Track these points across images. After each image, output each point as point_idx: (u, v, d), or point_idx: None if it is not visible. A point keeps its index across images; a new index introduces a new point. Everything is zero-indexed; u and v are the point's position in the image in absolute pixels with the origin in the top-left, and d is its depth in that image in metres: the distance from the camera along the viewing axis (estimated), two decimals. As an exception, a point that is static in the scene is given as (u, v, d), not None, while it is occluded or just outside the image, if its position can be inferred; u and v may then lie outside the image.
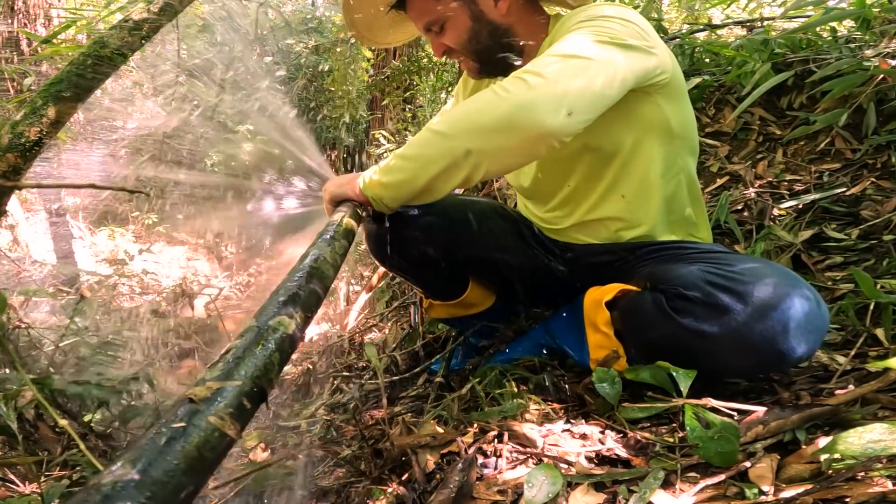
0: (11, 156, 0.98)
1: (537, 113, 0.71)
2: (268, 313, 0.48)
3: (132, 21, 1.12)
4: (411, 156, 0.80)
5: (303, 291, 0.54)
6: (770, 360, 0.74)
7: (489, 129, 0.73)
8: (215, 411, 0.34)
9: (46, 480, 0.93)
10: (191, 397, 0.35)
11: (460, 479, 0.67)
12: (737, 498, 0.56)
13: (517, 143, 0.74)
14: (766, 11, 2.48)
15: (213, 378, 0.38)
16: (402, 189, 0.82)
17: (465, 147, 0.74)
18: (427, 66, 4.57)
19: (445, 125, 0.77)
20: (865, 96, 1.33)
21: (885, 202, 1.23)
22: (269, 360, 0.42)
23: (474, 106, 0.76)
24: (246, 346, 0.43)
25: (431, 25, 0.93)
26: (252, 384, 0.38)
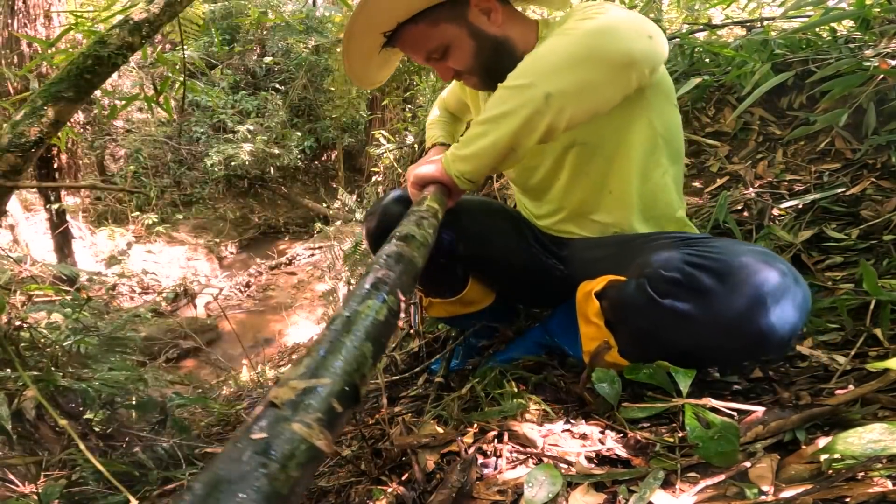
0: (11, 156, 0.98)
1: (618, 37, 0.68)
2: (356, 298, 0.42)
3: (132, 21, 1.12)
4: (487, 118, 0.78)
5: (393, 273, 0.49)
6: (752, 342, 0.72)
7: (567, 65, 0.70)
8: (301, 417, 0.29)
9: (46, 480, 0.93)
10: (273, 401, 0.29)
11: (460, 479, 0.68)
12: (737, 498, 0.56)
13: (603, 73, 0.71)
14: (766, 11, 2.48)
15: (298, 376, 0.32)
16: (485, 156, 0.79)
17: (543, 90, 0.71)
18: (427, 66, 4.57)
19: (516, 76, 0.75)
20: (865, 96, 1.33)
21: (885, 202, 1.23)
22: (360, 353, 0.36)
23: (543, 51, 0.73)
24: (333, 338, 0.36)
25: (432, 54, 0.92)
26: (343, 382, 0.33)
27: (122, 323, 1.64)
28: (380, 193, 4.44)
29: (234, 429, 1.47)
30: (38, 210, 5.90)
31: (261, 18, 3.60)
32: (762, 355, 0.77)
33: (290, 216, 8.94)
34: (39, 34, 4.24)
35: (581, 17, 0.76)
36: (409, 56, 0.96)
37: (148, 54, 1.69)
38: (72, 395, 1.16)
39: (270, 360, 3.53)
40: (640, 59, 0.71)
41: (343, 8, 7.18)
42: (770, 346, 0.71)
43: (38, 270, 3.44)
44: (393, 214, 1.07)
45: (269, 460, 0.26)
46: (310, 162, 9.71)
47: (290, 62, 9.21)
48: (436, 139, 1.33)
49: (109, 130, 7.74)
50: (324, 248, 6.70)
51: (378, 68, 1.02)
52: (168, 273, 6.61)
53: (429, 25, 0.89)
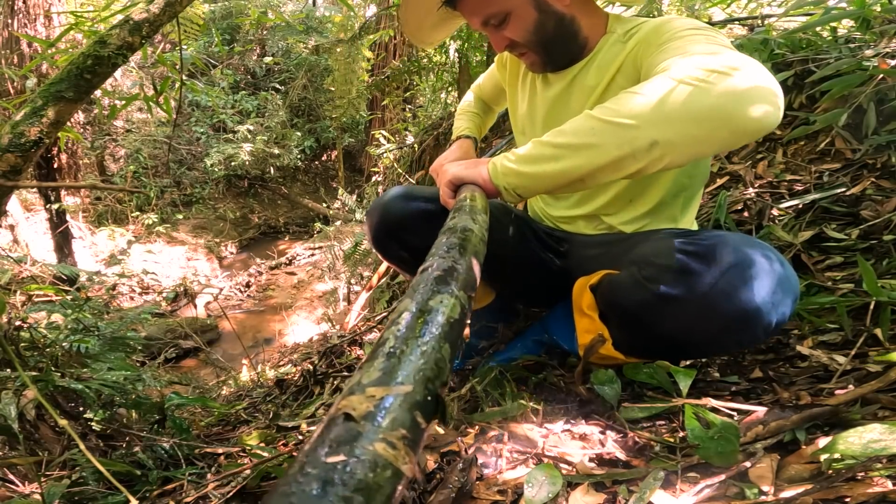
0: (11, 156, 0.98)
1: (757, 106, 0.63)
2: (423, 292, 0.37)
3: (132, 21, 1.12)
4: (564, 143, 0.71)
5: (460, 266, 0.43)
6: (738, 323, 0.72)
7: (688, 118, 0.65)
8: (384, 434, 0.24)
9: (46, 480, 0.93)
10: (348, 412, 0.25)
11: (460, 479, 0.68)
12: (737, 498, 0.56)
13: (725, 136, 0.66)
14: (766, 11, 2.48)
15: (374, 381, 0.27)
16: (547, 180, 0.74)
17: (651, 137, 0.66)
18: (427, 66, 4.57)
19: (618, 113, 0.67)
20: (865, 96, 1.33)
21: (885, 202, 1.23)
22: (440, 356, 0.31)
23: (656, 92, 0.66)
24: (406, 336, 0.31)
25: (491, 19, 0.88)
26: (425, 390, 0.28)
27: (122, 323, 1.64)
28: (379, 193, 4.44)
29: (234, 429, 1.47)
30: (38, 210, 5.90)
31: (261, 18, 3.60)
32: (751, 340, 0.76)
33: (290, 216, 8.95)
34: (39, 34, 4.24)
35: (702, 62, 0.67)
36: (467, 19, 0.92)
37: (148, 54, 1.68)
38: (72, 395, 1.16)
39: (270, 360, 3.53)
40: (767, 129, 0.66)
41: (343, 8, 7.18)
42: (756, 328, 0.72)
43: (38, 270, 3.44)
44: (395, 211, 1.06)
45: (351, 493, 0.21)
46: (310, 162, 9.71)
47: (290, 62, 9.21)
48: (462, 131, 1.29)
49: (109, 130, 7.74)
50: (324, 248, 6.70)
51: (433, 27, 1.00)
52: (168, 273, 6.61)
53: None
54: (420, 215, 1.02)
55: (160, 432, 1.18)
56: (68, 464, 0.99)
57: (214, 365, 3.78)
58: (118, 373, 1.23)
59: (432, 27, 1.00)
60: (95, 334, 1.43)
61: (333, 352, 1.99)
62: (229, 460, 1.08)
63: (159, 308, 5.12)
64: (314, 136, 9.21)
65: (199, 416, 1.72)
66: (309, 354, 2.64)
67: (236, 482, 0.91)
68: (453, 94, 4.16)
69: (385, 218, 1.07)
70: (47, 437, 1.04)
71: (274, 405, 1.64)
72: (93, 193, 6.98)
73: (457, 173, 0.86)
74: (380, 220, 1.08)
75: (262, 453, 1.03)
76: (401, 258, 1.13)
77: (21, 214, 5.53)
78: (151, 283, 5.84)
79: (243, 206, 8.64)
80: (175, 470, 1.03)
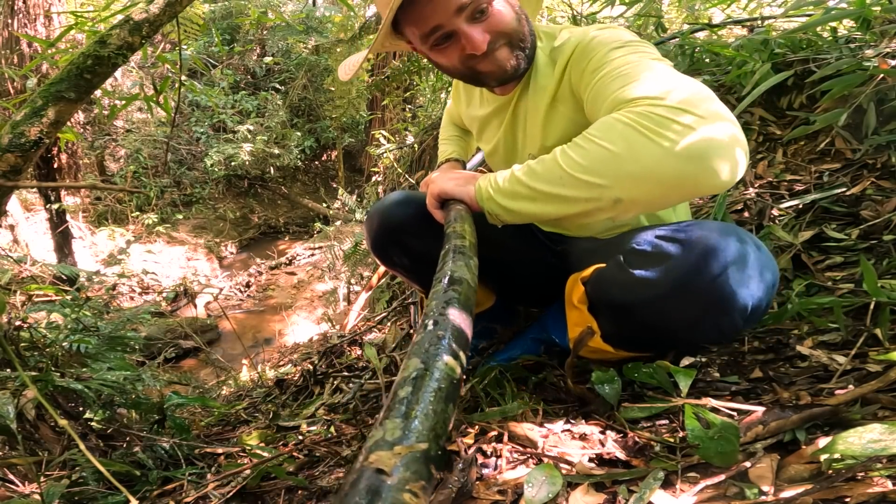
0: (11, 156, 0.98)
1: (719, 166, 0.63)
2: (430, 353, 0.41)
3: (132, 21, 1.12)
4: (541, 191, 0.73)
5: (458, 324, 0.48)
6: (715, 310, 0.73)
7: (652, 181, 0.65)
8: (410, 486, 0.28)
9: (46, 480, 0.93)
10: (380, 468, 0.29)
11: (460, 479, 0.68)
12: (737, 498, 0.56)
13: (686, 194, 0.68)
14: (766, 11, 2.48)
15: (396, 439, 0.32)
16: (526, 217, 0.78)
17: (615, 195, 0.68)
18: (427, 66, 4.57)
19: (586, 168, 0.68)
20: (865, 96, 1.33)
21: (885, 202, 1.23)
22: (446, 415, 0.36)
23: (622, 149, 0.66)
24: (417, 398, 0.36)
25: (466, 6, 0.77)
26: (437, 446, 0.33)
27: (122, 322, 1.64)
28: (380, 193, 4.44)
29: (234, 429, 1.47)
30: (38, 210, 5.90)
31: (261, 18, 3.60)
32: (730, 327, 0.76)
33: (290, 216, 8.95)
34: (39, 34, 4.24)
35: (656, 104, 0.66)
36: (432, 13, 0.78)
37: (148, 54, 1.68)
38: (72, 394, 1.16)
39: (270, 360, 3.53)
40: (731, 185, 0.66)
41: (343, 8, 7.18)
42: (733, 312, 0.72)
43: (38, 270, 3.44)
44: (395, 217, 1.06)
45: None
46: (310, 162, 9.71)
47: (290, 62, 9.21)
48: (449, 154, 1.31)
49: (109, 130, 7.74)
50: (324, 248, 6.70)
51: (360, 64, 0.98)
52: (168, 273, 6.61)
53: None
54: (420, 220, 1.01)
55: (160, 432, 1.18)
56: (68, 464, 0.99)
57: (214, 365, 3.78)
58: (118, 373, 1.23)
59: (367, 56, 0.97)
60: (95, 334, 1.43)
61: (333, 352, 1.99)
62: (229, 460, 1.08)
63: (159, 308, 5.12)
64: (314, 136, 9.21)
65: (199, 416, 1.72)
66: (309, 354, 2.64)
67: (236, 482, 0.92)
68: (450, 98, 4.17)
69: (385, 224, 1.06)
70: (47, 437, 1.04)
71: (274, 405, 1.64)
72: (93, 193, 6.98)
73: (444, 188, 0.87)
74: (380, 226, 1.07)
75: (262, 453, 1.03)
76: (402, 264, 1.12)
77: (21, 214, 5.53)
78: (151, 283, 5.84)
79: (243, 206, 8.64)
80: (175, 470, 1.03)
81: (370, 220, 1.10)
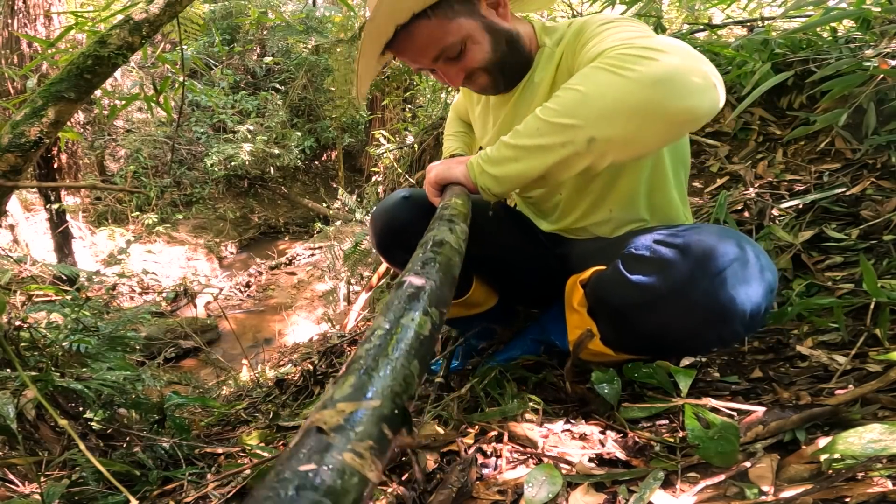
0: (11, 156, 0.98)
1: (685, 90, 0.62)
2: (396, 310, 0.39)
3: (132, 21, 1.12)
4: (521, 145, 0.74)
5: (433, 282, 0.44)
6: (713, 315, 0.72)
7: (621, 113, 0.65)
8: (352, 445, 0.26)
9: (46, 480, 0.93)
10: (319, 426, 0.27)
11: (460, 479, 0.68)
12: (737, 498, 0.56)
13: (659, 128, 0.66)
14: (766, 11, 2.48)
15: (344, 397, 0.29)
16: (513, 180, 0.78)
17: (588, 135, 0.67)
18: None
19: (559, 112, 0.70)
20: (865, 96, 1.33)
21: (885, 202, 1.23)
22: (408, 372, 0.33)
23: (590, 88, 0.67)
24: (377, 353, 0.33)
25: (446, 51, 0.86)
26: (392, 405, 0.30)
27: (122, 322, 1.64)
28: (380, 193, 4.44)
29: (234, 429, 1.47)
30: (38, 210, 5.90)
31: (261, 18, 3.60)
32: (731, 335, 0.75)
33: (290, 216, 8.95)
34: (39, 34, 4.24)
35: (626, 48, 0.68)
36: (408, 60, 0.89)
37: (148, 54, 1.68)
38: (72, 395, 1.16)
39: (270, 360, 3.53)
40: (704, 115, 0.65)
41: (343, 8, 7.18)
42: (733, 320, 0.71)
43: (38, 270, 3.44)
44: (399, 218, 1.05)
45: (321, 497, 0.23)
46: (310, 162, 9.71)
47: (290, 62, 9.21)
48: (453, 151, 1.31)
49: (109, 130, 7.74)
50: (324, 248, 6.70)
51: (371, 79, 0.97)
52: (168, 273, 6.60)
53: (444, 19, 0.83)
54: (424, 219, 1.01)
55: (160, 432, 1.18)
56: (68, 464, 0.99)
57: (214, 365, 3.78)
58: (118, 373, 1.22)
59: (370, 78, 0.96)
60: (95, 334, 1.43)
61: (333, 352, 1.99)
62: (229, 460, 1.08)
63: (159, 308, 5.12)
64: (314, 136, 9.21)
65: (199, 416, 1.72)
66: (309, 354, 2.64)
67: (236, 482, 0.92)
68: (453, 95, 4.16)
69: (390, 223, 1.05)
70: (47, 437, 1.04)
71: (274, 405, 1.64)
72: (93, 193, 6.98)
73: (439, 172, 0.88)
74: (384, 227, 1.06)
75: (262, 453, 1.03)
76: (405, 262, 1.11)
77: (21, 214, 5.53)
78: (151, 283, 5.84)
79: (243, 206, 8.64)
80: (175, 470, 1.03)
81: (374, 220, 1.09)
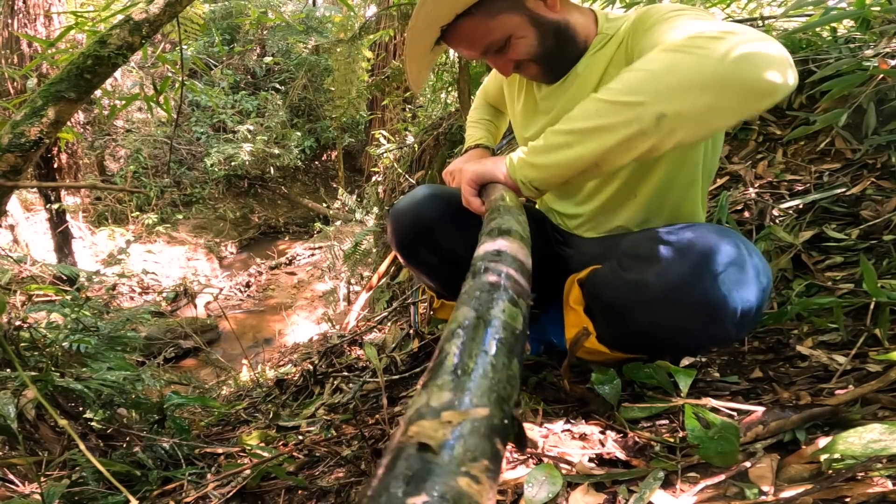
0: (11, 156, 0.98)
1: (767, 65, 0.61)
2: (483, 299, 0.33)
3: (132, 21, 1.12)
4: (575, 129, 0.70)
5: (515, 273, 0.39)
6: (705, 313, 0.71)
7: (695, 86, 0.62)
8: (465, 468, 0.20)
9: (46, 480, 0.93)
10: (424, 442, 0.21)
11: (460, 479, 0.67)
12: (737, 498, 0.56)
13: (736, 102, 0.63)
14: (766, 11, 2.48)
15: (445, 404, 0.23)
16: (563, 168, 0.72)
17: (657, 111, 0.63)
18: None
19: (623, 91, 0.66)
20: (865, 96, 1.33)
21: (885, 202, 1.23)
22: (511, 372, 0.28)
23: (658, 67, 0.64)
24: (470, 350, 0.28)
25: (492, 47, 0.86)
26: (501, 412, 0.24)
27: (122, 322, 1.64)
28: (380, 193, 4.43)
29: (234, 429, 1.47)
30: (38, 210, 5.90)
31: (261, 18, 3.60)
32: (723, 334, 0.75)
33: (290, 216, 8.95)
34: (39, 34, 4.24)
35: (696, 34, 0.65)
36: (461, 53, 0.90)
37: (148, 54, 1.68)
38: (72, 395, 1.16)
39: (270, 360, 3.53)
40: (782, 90, 0.62)
41: (343, 8, 7.18)
42: (724, 319, 0.71)
43: (38, 270, 3.44)
44: (429, 213, 1.02)
45: None
46: (310, 162, 9.71)
47: (290, 62, 9.21)
48: (477, 140, 1.25)
49: (109, 130, 7.74)
50: (324, 248, 6.70)
51: (426, 70, 0.98)
52: (168, 273, 6.61)
53: (487, 16, 0.82)
54: (453, 217, 0.98)
55: (160, 432, 1.18)
56: (68, 464, 0.99)
57: (214, 365, 3.78)
58: (118, 373, 1.22)
59: (426, 69, 0.97)
60: (95, 334, 1.43)
61: (333, 352, 1.99)
62: (229, 460, 1.08)
63: (159, 308, 5.12)
64: (314, 136, 9.21)
65: (199, 416, 1.72)
66: (309, 354, 2.64)
67: (236, 482, 0.92)
68: (453, 94, 4.16)
69: (417, 221, 1.02)
70: (47, 437, 1.04)
71: (274, 405, 1.64)
72: (93, 193, 6.98)
73: (477, 170, 0.85)
74: (411, 223, 1.03)
75: (262, 453, 1.03)
76: (428, 262, 1.08)
77: (21, 214, 5.53)
78: (151, 283, 5.84)
79: (243, 206, 8.64)
80: (175, 470, 1.03)
81: (398, 216, 1.05)
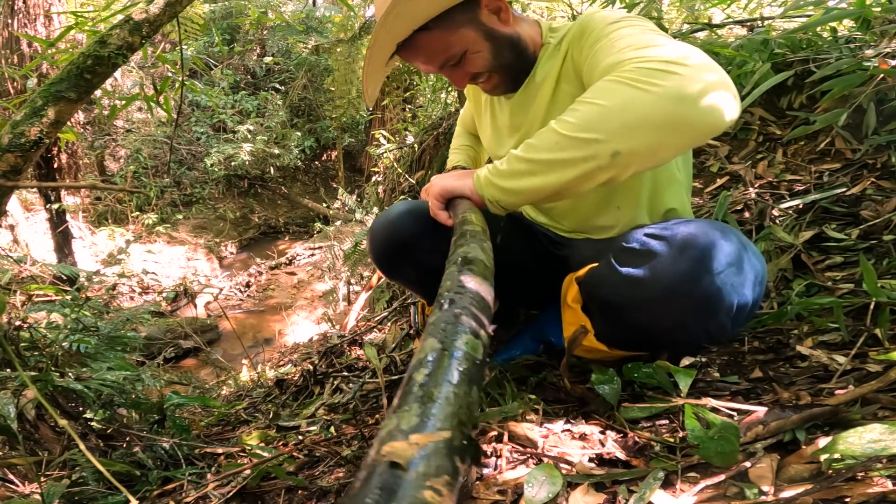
0: (11, 156, 0.98)
1: (711, 105, 0.63)
2: (448, 332, 0.37)
3: (132, 21, 1.12)
4: (538, 159, 0.73)
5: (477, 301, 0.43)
6: (701, 310, 0.72)
7: (646, 126, 0.65)
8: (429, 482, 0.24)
9: (46, 480, 0.93)
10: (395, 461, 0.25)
11: (460, 479, 0.67)
12: (737, 498, 0.56)
13: (684, 139, 0.67)
14: (766, 11, 2.48)
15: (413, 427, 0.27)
16: (526, 194, 0.76)
17: (612, 149, 0.67)
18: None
19: (581, 127, 0.68)
20: (865, 96, 1.33)
21: (885, 202, 1.23)
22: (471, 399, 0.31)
23: (612, 102, 0.67)
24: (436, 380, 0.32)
25: (449, 61, 0.88)
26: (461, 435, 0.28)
27: (122, 322, 1.64)
28: (380, 193, 4.43)
29: (234, 429, 1.47)
30: (38, 210, 5.90)
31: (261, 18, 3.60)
32: (718, 329, 0.76)
33: (290, 216, 8.95)
34: (39, 34, 4.24)
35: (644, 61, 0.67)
36: (417, 66, 0.92)
37: (148, 54, 1.68)
38: (72, 395, 1.16)
39: (270, 360, 3.53)
40: (727, 125, 0.65)
41: (343, 8, 7.18)
42: (719, 312, 0.72)
43: (38, 270, 3.44)
44: (406, 229, 1.03)
45: None
46: (310, 162, 9.71)
47: (290, 62, 9.21)
48: (456, 163, 1.31)
49: (109, 130, 7.74)
50: (324, 248, 6.70)
51: (380, 83, 0.99)
52: (168, 273, 6.60)
53: (445, 31, 0.84)
54: (429, 232, 1.00)
55: (160, 432, 1.18)
56: (68, 464, 0.99)
57: (214, 365, 3.78)
58: (118, 373, 1.22)
59: (379, 83, 0.98)
60: (95, 334, 1.43)
61: (333, 352, 1.99)
62: (229, 460, 1.08)
63: (159, 308, 5.12)
64: (314, 136, 9.21)
65: (199, 416, 1.72)
66: (309, 354, 2.64)
67: (236, 482, 0.92)
68: (453, 94, 4.16)
69: (394, 237, 1.04)
70: (47, 437, 1.04)
71: (274, 405, 1.64)
72: (93, 193, 6.98)
73: (444, 185, 0.87)
74: (388, 240, 1.05)
75: (262, 453, 1.03)
76: (408, 277, 1.11)
77: (21, 214, 5.53)
78: (151, 283, 5.84)
79: (243, 206, 8.64)
80: (175, 470, 1.03)
81: (375, 234, 1.07)
